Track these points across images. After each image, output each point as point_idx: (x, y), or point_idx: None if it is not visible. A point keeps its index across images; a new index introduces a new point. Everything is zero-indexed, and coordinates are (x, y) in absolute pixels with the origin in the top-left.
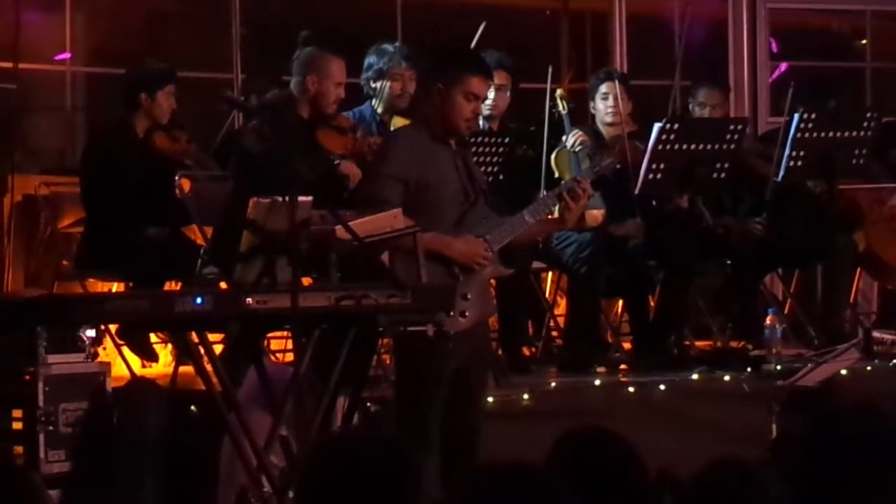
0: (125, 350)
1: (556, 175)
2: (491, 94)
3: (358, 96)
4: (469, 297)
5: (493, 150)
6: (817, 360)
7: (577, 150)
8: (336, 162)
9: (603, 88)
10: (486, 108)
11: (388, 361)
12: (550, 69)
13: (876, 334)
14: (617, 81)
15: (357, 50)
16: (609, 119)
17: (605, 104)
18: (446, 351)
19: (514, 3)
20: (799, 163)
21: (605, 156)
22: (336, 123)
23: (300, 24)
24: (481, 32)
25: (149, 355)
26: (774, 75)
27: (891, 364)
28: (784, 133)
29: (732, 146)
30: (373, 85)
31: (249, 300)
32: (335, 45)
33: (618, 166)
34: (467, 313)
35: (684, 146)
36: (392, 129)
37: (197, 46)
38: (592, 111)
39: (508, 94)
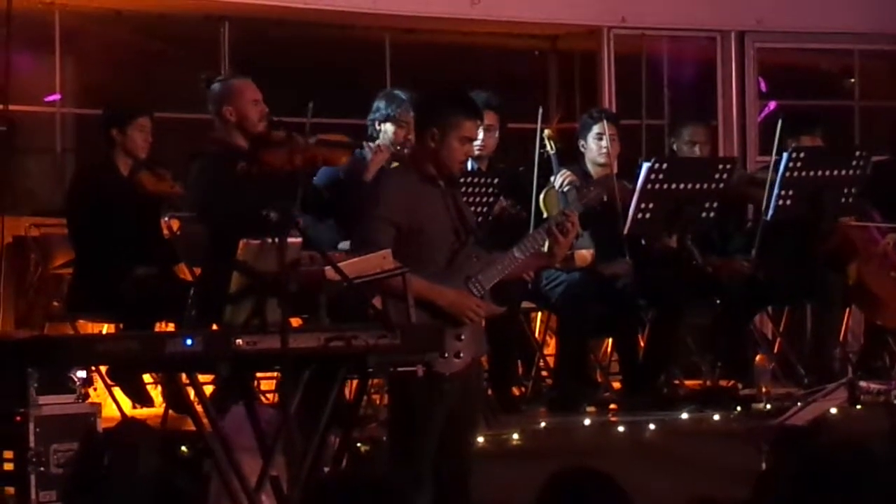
0: (116, 391)
1: (545, 215)
2: (480, 135)
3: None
4: (463, 337)
5: (483, 189)
6: (806, 400)
7: (565, 189)
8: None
9: (596, 128)
10: (475, 149)
11: (378, 401)
12: (541, 110)
13: (862, 383)
14: (611, 122)
15: (344, 88)
16: (601, 160)
17: (597, 144)
18: (441, 391)
19: (503, 43)
20: (788, 202)
21: (592, 187)
22: (273, 139)
23: (289, 65)
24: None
25: (143, 400)
26: (763, 114)
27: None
28: (773, 172)
29: (721, 185)
30: (378, 127)
31: (239, 341)
32: (325, 84)
33: (604, 198)
34: (462, 354)
35: (673, 185)
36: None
37: (186, 87)
38: (582, 149)
39: (497, 134)
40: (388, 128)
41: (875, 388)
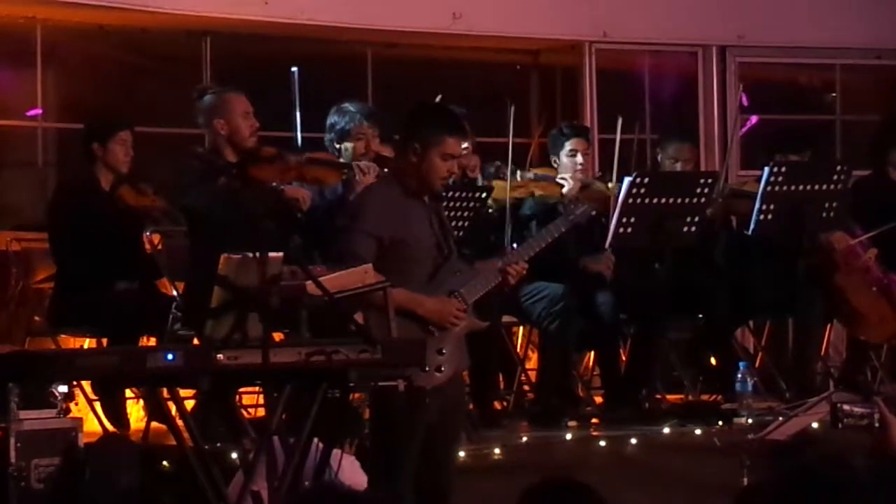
0: (97, 406)
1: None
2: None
3: None
4: (444, 351)
5: (465, 203)
6: (788, 414)
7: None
8: (280, 188)
9: (569, 145)
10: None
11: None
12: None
13: (846, 407)
14: (583, 138)
15: (327, 103)
16: (579, 176)
17: (571, 161)
18: (422, 406)
19: (485, 57)
20: (770, 216)
21: (579, 203)
22: (263, 155)
23: (271, 78)
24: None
25: (119, 422)
26: (744, 129)
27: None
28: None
29: (703, 200)
30: (336, 146)
31: (220, 356)
32: (308, 99)
33: (593, 213)
34: (443, 368)
35: (655, 200)
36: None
37: (168, 102)
38: (555, 165)
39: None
40: (347, 145)
41: (858, 411)
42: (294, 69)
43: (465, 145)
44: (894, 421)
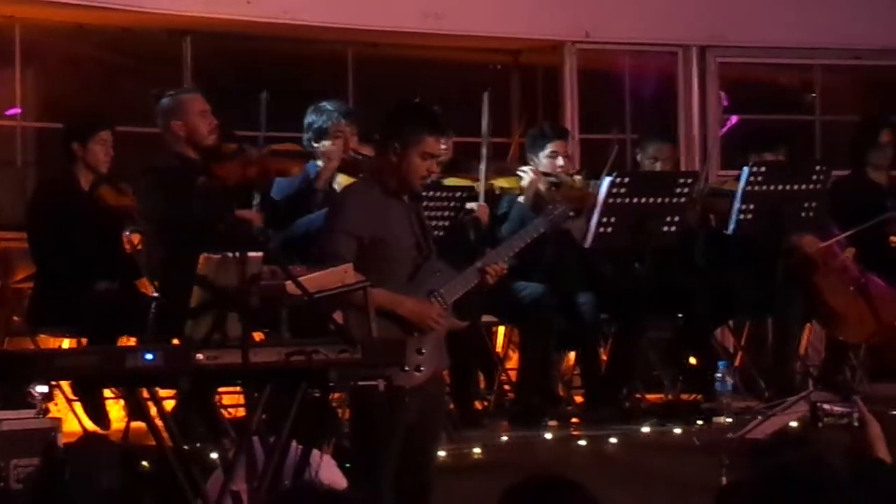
0: (77, 406)
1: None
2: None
3: None
4: (424, 351)
5: (444, 203)
6: (767, 413)
7: (522, 199)
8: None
9: (550, 147)
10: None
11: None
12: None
13: (825, 406)
14: (564, 140)
15: (308, 103)
16: (557, 180)
17: (552, 162)
18: (401, 405)
19: (466, 57)
20: (749, 216)
21: (558, 204)
22: (224, 152)
23: (252, 78)
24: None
25: (100, 421)
26: (725, 129)
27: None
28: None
29: (682, 199)
30: (314, 145)
31: (200, 356)
32: (289, 98)
33: (571, 213)
34: (423, 368)
35: (635, 199)
36: (336, 185)
37: (148, 102)
38: (532, 164)
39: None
40: (326, 143)
41: (838, 410)
42: (264, 94)
43: (443, 146)
44: (873, 420)
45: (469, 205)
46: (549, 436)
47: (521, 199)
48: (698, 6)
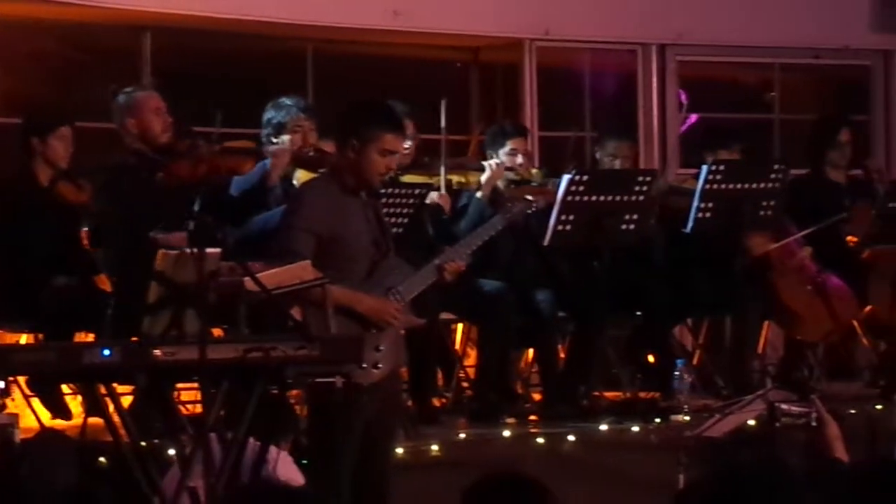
0: (34, 401)
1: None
2: (407, 144)
3: None
4: (382, 348)
5: (403, 200)
6: (724, 411)
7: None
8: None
9: (510, 144)
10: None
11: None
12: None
13: (783, 406)
14: (524, 137)
15: (268, 99)
16: (516, 177)
17: (510, 159)
18: (359, 402)
19: (425, 54)
20: (708, 214)
21: (516, 202)
22: (178, 150)
23: (211, 75)
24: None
25: (61, 412)
26: (684, 127)
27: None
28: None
29: (641, 197)
30: (273, 141)
31: (157, 352)
32: (248, 95)
33: (528, 211)
34: (380, 365)
35: (594, 197)
36: (295, 181)
37: (107, 97)
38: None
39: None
40: (284, 138)
41: (796, 410)
42: (218, 114)
43: (407, 144)
44: (831, 420)
45: (431, 194)
46: (506, 433)
47: (479, 194)
48: (658, 5)
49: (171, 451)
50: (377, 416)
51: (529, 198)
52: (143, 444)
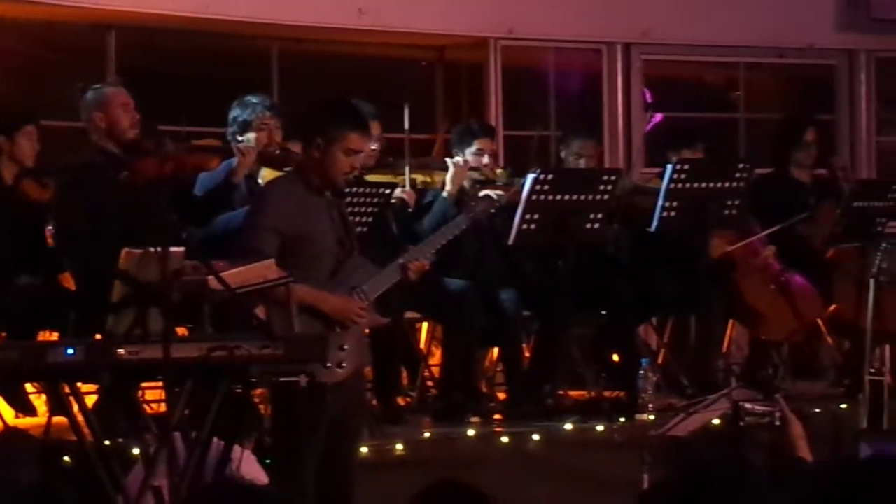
0: None
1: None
2: (374, 146)
3: None
4: (346, 347)
5: (367, 199)
6: (689, 410)
7: (446, 192)
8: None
9: (477, 144)
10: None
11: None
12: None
13: (747, 405)
14: (490, 138)
15: (233, 98)
16: (481, 177)
17: (476, 159)
18: (323, 401)
19: (391, 53)
20: (673, 213)
21: (480, 202)
22: (145, 146)
23: (176, 73)
24: None
25: (25, 409)
26: (649, 126)
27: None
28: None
29: (606, 196)
30: (239, 139)
31: (121, 351)
32: (214, 94)
33: (492, 211)
34: (345, 364)
35: (558, 197)
36: (260, 180)
37: (73, 95)
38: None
39: (377, 145)
40: (250, 136)
41: (760, 409)
42: (183, 116)
43: (374, 146)
44: (795, 420)
45: (396, 190)
46: (471, 432)
47: (444, 193)
48: (623, 4)
49: (136, 451)
50: (341, 416)
51: (493, 196)
52: (107, 443)
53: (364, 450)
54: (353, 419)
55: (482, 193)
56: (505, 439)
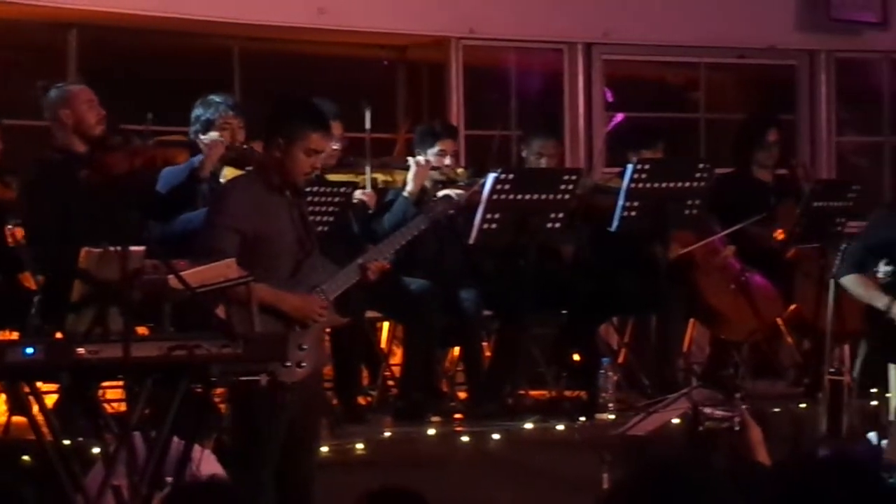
0: None
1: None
2: (335, 146)
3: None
4: (305, 347)
5: (328, 199)
6: (649, 410)
7: (405, 192)
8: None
9: (440, 145)
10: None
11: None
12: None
13: (706, 410)
14: (453, 139)
15: (194, 97)
16: (443, 176)
17: (438, 160)
18: (282, 400)
19: (352, 52)
20: (633, 213)
21: (437, 204)
22: (112, 143)
23: (137, 73)
24: None
25: None
26: (610, 126)
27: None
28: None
29: (566, 196)
30: (202, 137)
31: (81, 350)
32: (174, 93)
33: (451, 212)
34: (304, 363)
35: (519, 196)
36: (222, 179)
37: (35, 94)
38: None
39: (338, 145)
40: (213, 135)
41: (719, 414)
42: (150, 115)
43: (335, 145)
44: (755, 425)
45: (356, 192)
46: (432, 432)
47: (405, 192)
48: (584, 4)
49: (96, 450)
50: (300, 415)
51: (453, 195)
52: (66, 442)
53: (325, 449)
54: (311, 418)
55: (441, 193)
56: (465, 439)
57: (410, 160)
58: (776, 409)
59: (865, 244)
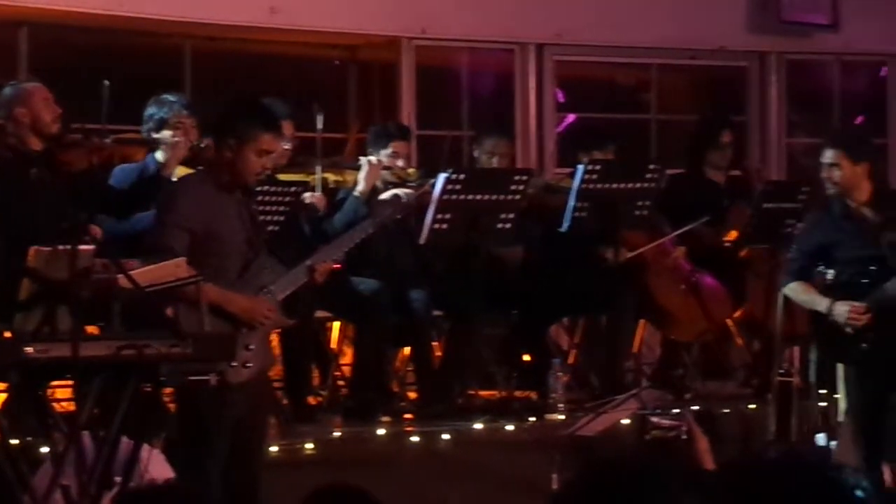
0: None
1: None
2: (286, 146)
3: None
4: (251, 347)
5: (278, 199)
6: (598, 410)
7: (357, 192)
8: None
9: (392, 146)
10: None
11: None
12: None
13: (654, 419)
14: (407, 140)
15: (146, 96)
16: (394, 177)
17: (391, 161)
18: (229, 400)
19: (303, 52)
20: (584, 213)
21: (385, 206)
22: (69, 141)
23: (89, 72)
24: None
25: None
26: (561, 126)
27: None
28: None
29: (517, 196)
30: (154, 136)
31: (29, 349)
32: (127, 92)
33: (398, 216)
34: (250, 364)
35: (470, 196)
36: (174, 178)
37: None
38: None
39: (289, 145)
40: (166, 134)
41: (666, 423)
42: (106, 82)
43: (286, 145)
44: (701, 435)
45: (305, 195)
46: (382, 431)
47: (356, 192)
48: (536, 4)
49: (44, 449)
50: (248, 415)
51: (402, 195)
52: (14, 441)
53: (275, 449)
54: (259, 418)
55: (390, 193)
56: (415, 439)
57: (362, 159)
58: (726, 410)
59: (801, 249)
